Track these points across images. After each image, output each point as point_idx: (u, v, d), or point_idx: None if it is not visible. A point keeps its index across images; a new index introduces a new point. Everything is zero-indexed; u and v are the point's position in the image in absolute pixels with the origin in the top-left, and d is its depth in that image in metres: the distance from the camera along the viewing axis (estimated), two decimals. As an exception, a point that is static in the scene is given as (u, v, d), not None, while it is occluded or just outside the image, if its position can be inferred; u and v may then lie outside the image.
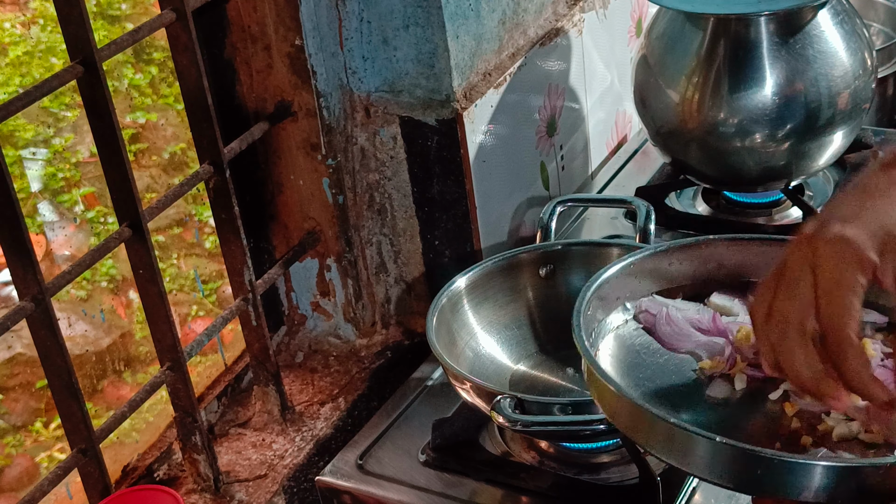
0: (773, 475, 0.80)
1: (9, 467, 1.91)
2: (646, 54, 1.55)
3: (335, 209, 1.41)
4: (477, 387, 1.13)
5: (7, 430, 1.94)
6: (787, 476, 0.80)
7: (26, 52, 2.19)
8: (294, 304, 1.51)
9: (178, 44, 1.19)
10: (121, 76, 2.18)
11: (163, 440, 1.33)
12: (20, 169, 2.09)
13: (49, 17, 2.21)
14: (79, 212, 2.15)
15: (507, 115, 1.44)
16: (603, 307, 1.03)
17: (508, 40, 1.44)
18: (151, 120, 2.23)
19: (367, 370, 1.45)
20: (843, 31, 1.46)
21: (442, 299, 1.24)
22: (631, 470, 1.15)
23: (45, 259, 2.07)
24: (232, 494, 1.27)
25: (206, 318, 2.07)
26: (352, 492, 1.21)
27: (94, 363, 1.95)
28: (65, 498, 1.44)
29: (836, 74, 1.45)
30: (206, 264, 2.19)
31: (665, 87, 1.50)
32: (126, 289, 2.10)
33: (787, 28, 1.44)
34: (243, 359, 1.44)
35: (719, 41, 1.46)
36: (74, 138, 2.15)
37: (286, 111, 1.36)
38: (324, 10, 1.32)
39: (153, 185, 2.18)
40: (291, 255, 1.41)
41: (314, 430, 1.36)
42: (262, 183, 1.42)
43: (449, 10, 1.30)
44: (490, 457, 1.20)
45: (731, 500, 1.13)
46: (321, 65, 1.34)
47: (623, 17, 1.75)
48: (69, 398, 1.10)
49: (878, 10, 1.81)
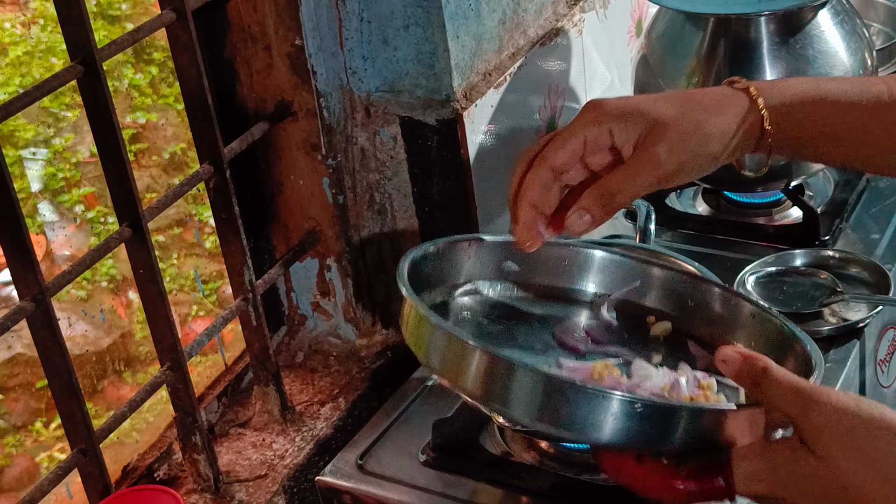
0: (569, 404, 0.79)
1: (9, 467, 1.91)
2: (646, 54, 1.55)
3: (335, 209, 1.41)
4: (477, 387, 1.13)
5: (7, 430, 1.95)
6: (585, 409, 0.79)
7: (26, 52, 2.19)
8: (294, 304, 1.51)
9: (178, 44, 1.19)
10: (121, 76, 2.18)
11: (163, 440, 1.33)
12: (20, 169, 2.09)
13: (49, 17, 2.21)
14: (79, 212, 2.15)
15: (508, 115, 1.44)
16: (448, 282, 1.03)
17: (508, 40, 1.44)
18: (151, 120, 2.23)
19: (368, 370, 1.45)
20: (844, 31, 1.46)
21: (442, 299, 1.24)
22: (631, 470, 1.15)
23: (45, 259, 2.07)
24: (232, 494, 1.27)
25: (206, 318, 2.07)
26: (352, 492, 1.21)
27: (94, 363, 1.95)
28: (65, 498, 1.45)
29: (836, 74, 1.45)
30: (206, 264, 2.19)
31: (665, 87, 1.50)
32: (126, 289, 2.10)
33: (788, 28, 1.44)
34: (243, 359, 1.44)
35: (719, 41, 1.46)
36: (74, 138, 2.15)
37: (286, 111, 1.36)
38: (324, 10, 1.32)
39: (153, 185, 2.18)
40: (291, 255, 1.41)
41: (314, 430, 1.36)
42: (262, 183, 1.42)
43: (449, 10, 1.30)
44: (490, 457, 1.20)
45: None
46: (321, 65, 1.34)
47: (623, 17, 1.75)
48: (69, 398, 1.10)
49: (878, 10, 1.81)
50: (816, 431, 0.76)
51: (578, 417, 0.79)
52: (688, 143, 0.95)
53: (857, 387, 1.34)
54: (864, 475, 0.75)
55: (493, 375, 0.83)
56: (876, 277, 1.38)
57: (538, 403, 0.81)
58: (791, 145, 1.01)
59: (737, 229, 1.53)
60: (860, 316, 1.33)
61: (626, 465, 0.80)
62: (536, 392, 0.81)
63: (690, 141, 0.95)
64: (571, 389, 0.80)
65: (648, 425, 0.79)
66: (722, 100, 0.98)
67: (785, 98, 0.98)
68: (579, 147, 0.96)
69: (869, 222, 1.52)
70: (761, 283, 1.39)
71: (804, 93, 0.99)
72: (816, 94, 0.99)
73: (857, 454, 0.75)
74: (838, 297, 1.34)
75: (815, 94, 0.99)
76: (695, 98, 0.98)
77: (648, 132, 0.94)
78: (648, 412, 0.79)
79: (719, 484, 0.77)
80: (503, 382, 0.82)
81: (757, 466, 0.78)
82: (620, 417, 0.79)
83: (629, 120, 0.95)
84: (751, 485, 0.78)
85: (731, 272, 1.38)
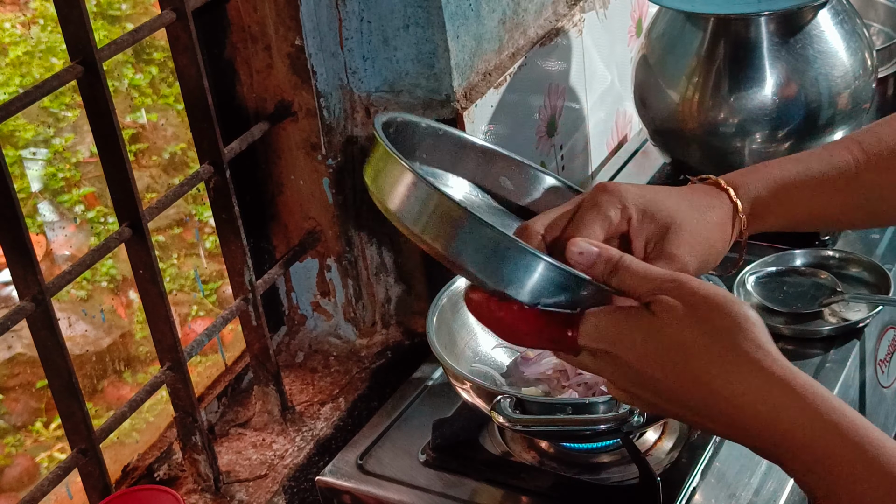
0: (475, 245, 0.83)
1: (9, 467, 1.91)
2: (646, 54, 1.55)
3: (335, 209, 1.41)
4: (477, 387, 1.13)
5: (7, 430, 1.94)
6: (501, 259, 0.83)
7: (26, 52, 2.19)
8: (294, 304, 1.51)
9: (178, 44, 1.19)
10: (121, 76, 2.18)
11: (163, 440, 1.33)
12: (20, 169, 2.09)
13: (49, 17, 2.21)
14: (79, 212, 2.14)
15: (507, 115, 1.44)
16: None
17: (508, 40, 1.44)
18: (151, 120, 2.23)
19: (367, 370, 1.45)
20: (844, 30, 1.46)
21: (442, 299, 1.24)
22: (631, 470, 1.15)
23: (45, 259, 2.06)
24: (232, 494, 1.27)
25: (206, 318, 2.07)
26: (352, 492, 1.21)
27: (94, 363, 1.95)
28: (65, 498, 1.45)
29: (837, 74, 1.45)
30: (206, 264, 2.19)
31: (665, 87, 1.50)
32: (126, 289, 2.10)
33: (788, 28, 1.44)
34: (243, 359, 1.44)
35: (719, 41, 1.46)
36: (74, 138, 2.15)
37: (286, 111, 1.36)
38: (324, 10, 1.32)
39: (153, 185, 2.18)
40: (291, 255, 1.41)
41: (314, 430, 1.36)
42: (263, 183, 1.42)
43: (449, 10, 1.30)
44: (490, 457, 1.20)
45: (730, 500, 1.13)
46: (321, 65, 1.34)
47: (623, 16, 1.75)
48: (69, 398, 1.10)
49: (878, 10, 1.81)
50: (662, 301, 0.82)
51: (462, 240, 0.84)
52: (702, 244, 0.96)
53: (858, 387, 1.34)
54: (695, 333, 0.80)
55: (413, 195, 0.87)
56: (876, 277, 1.38)
57: (441, 229, 0.85)
58: (766, 227, 1.03)
59: (737, 229, 1.53)
60: (860, 316, 1.33)
61: (490, 305, 0.86)
62: (443, 215, 0.85)
63: (704, 242, 0.97)
64: (464, 215, 0.84)
65: (517, 270, 0.83)
66: (708, 196, 1.00)
67: (758, 190, 1.01)
68: (601, 234, 0.94)
69: (869, 222, 1.52)
70: (761, 283, 1.39)
71: (773, 181, 1.01)
72: (784, 179, 1.01)
73: (692, 318, 0.80)
74: (838, 297, 1.34)
75: (783, 181, 1.01)
76: (691, 196, 0.99)
77: (666, 231, 0.95)
78: (515, 254, 0.83)
79: (568, 334, 0.84)
80: (421, 203, 0.86)
81: (603, 323, 0.83)
82: (492, 253, 0.83)
83: (649, 213, 0.95)
84: (595, 340, 0.83)
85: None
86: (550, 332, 0.84)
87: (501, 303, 0.85)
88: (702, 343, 0.80)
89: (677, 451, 1.18)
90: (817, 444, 0.77)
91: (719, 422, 0.81)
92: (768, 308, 1.35)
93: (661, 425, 1.21)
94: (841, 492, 0.77)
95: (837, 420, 0.77)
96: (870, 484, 0.76)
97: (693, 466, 1.15)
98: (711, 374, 0.79)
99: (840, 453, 0.77)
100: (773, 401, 0.78)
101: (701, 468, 1.16)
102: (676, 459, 1.17)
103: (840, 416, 0.77)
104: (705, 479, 1.15)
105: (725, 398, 0.79)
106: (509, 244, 0.83)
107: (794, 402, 0.78)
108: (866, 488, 0.76)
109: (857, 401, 1.35)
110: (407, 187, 0.86)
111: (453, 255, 0.85)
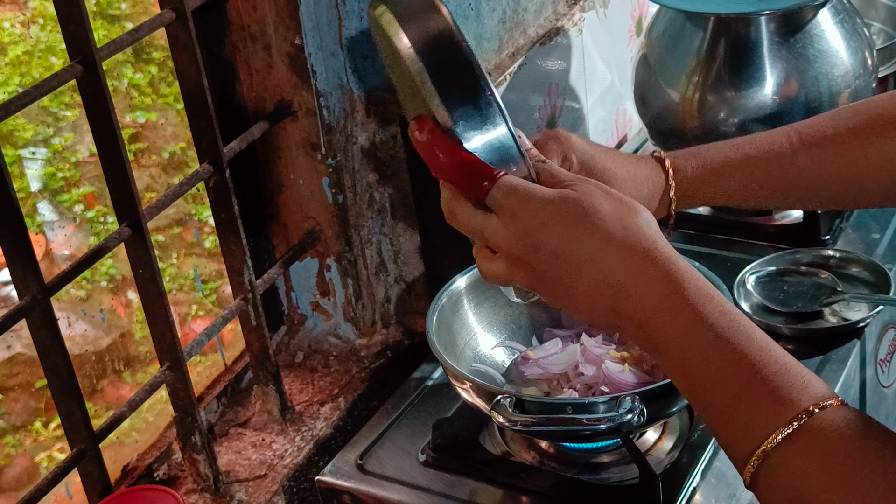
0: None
1: (8, 467, 1.91)
2: (646, 54, 1.55)
3: (335, 209, 1.41)
4: (477, 387, 1.13)
5: (7, 430, 1.94)
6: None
7: (26, 52, 2.19)
8: (294, 303, 1.51)
9: (178, 43, 1.18)
10: (121, 76, 2.18)
11: (163, 440, 1.33)
12: (20, 169, 2.09)
13: (49, 16, 2.21)
14: (78, 211, 2.15)
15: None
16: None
17: (508, 39, 1.44)
18: (151, 120, 2.23)
19: (367, 370, 1.45)
20: (844, 30, 1.46)
21: (442, 299, 1.24)
22: (631, 470, 1.15)
23: (45, 259, 2.07)
24: (232, 494, 1.27)
25: (206, 317, 2.07)
26: (352, 492, 1.21)
27: (93, 363, 1.95)
28: (65, 498, 1.45)
29: (837, 74, 1.45)
30: (206, 264, 2.19)
31: (665, 87, 1.50)
32: (126, 288, 2.10)
33: (788, 27, 1.44)
34: (243, 358, 1.44)
35: (720, 41, 1.46)
36: (74, 138, 2.15)
37: (286, 111, 1.36)
38: (324, 10, 1.32)
39: (153, 185, 2.18)
40: (291, 254, 1.41)
41: (314, 430, 1.36)
42: (262, 182, 1.42)
43: (449, 9, 1.30)
44: (490, 457, 1.20)
45: (730, 500, 1.13)
46: (321, 64, 1.34)
47: (623, 16, 1.75)
48: (69, 398, 1.10)
49: (879, 10, 1.81)
50: (580, 180, 0.89)
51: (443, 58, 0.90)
52: (626, 191, 1.04)
53: (858, 386, 1.34)
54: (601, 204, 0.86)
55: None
56: (876, 277, 1.38)
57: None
58: (698, 205, 1.12)
59: (737, 229, 1.53)
60: (860, 315, 1.33)
61: (434, 134, 0.90)
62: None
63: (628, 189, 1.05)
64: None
65: (478, 114, 0.88)
66: (647, 168, 1.08)
67: (695, 172, 1.09)
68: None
69: (869, 222, 1.52)
70: (762, 283, 1.39)
71: (711, 164, 1.09)
72: (721, 162, 1.09)
73: (599, 193, 0.87)
74: (839, 297, 1.34)
75: (720, 164, 1.09)
76: (632, 164, 1.07)
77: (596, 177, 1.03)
78: (485, 101, 0.88)
79: (484, 185, 0.88)
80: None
81: (519, 186, 0.87)
82: (469, 92, 0.88)
83: (587, 166, 1.03)
84: (505, 196, 0.87)
85: (731, 272, 1.38)
86: (471, 175, 0.89)
87: (444, 136, 0.89)
88: (604, 213, 0.85)
89: (677, 451, 1.18)
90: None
91: (585, 292, 0.85)
92: (768, 308, 1.35)
93: (662, 425, 1.21)
94: (651, 325, 0.83)
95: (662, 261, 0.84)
96: (672, 316, 0.82)
97: (693, 466, 1.15)
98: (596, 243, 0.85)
99: (652, 275, 0.83)
100: (634, 267, 0.84)
101: (701, 468, 1.15)
102: (676, 459, 1.17)
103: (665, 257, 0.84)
104: (705, 479, 1.15)
105: (594, 263, 0.85)
106: (489, 90, 0.88)
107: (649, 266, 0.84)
108: (668, 319, 0.82)
109: (857, 400, 1.35)
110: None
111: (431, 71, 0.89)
